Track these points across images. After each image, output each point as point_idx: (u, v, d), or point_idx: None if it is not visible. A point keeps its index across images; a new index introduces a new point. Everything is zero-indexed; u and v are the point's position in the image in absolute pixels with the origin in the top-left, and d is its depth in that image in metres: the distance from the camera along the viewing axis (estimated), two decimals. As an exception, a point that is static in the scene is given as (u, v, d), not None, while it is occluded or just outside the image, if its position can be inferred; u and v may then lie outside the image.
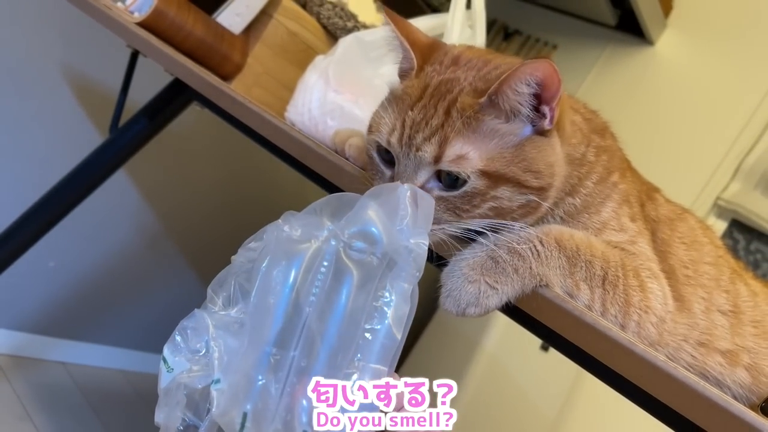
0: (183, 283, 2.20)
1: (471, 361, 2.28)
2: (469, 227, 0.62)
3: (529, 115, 0.61)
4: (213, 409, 0.46)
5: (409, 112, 0.63)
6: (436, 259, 0.63)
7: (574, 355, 0.72)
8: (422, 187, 0.62)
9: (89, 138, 1.70)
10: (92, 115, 1.78)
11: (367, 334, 0.46)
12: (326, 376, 0.45)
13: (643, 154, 0.81)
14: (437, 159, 0.60)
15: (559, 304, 0.58)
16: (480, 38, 1.20)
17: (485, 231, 0.61)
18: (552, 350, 2.19)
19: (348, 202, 0.50)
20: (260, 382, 0.45)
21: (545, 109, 0.61)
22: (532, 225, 0.64)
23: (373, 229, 0.47)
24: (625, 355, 0.54)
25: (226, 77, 1.30)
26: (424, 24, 1.24)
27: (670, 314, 0.66)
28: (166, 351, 0.51)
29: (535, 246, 0.60)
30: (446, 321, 2.47)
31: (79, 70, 1.75)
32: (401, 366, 0.49)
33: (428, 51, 0.69)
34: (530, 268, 0.58)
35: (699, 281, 0.74)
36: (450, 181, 0.61)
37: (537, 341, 2.20)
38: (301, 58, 1.37)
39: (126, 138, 1.28)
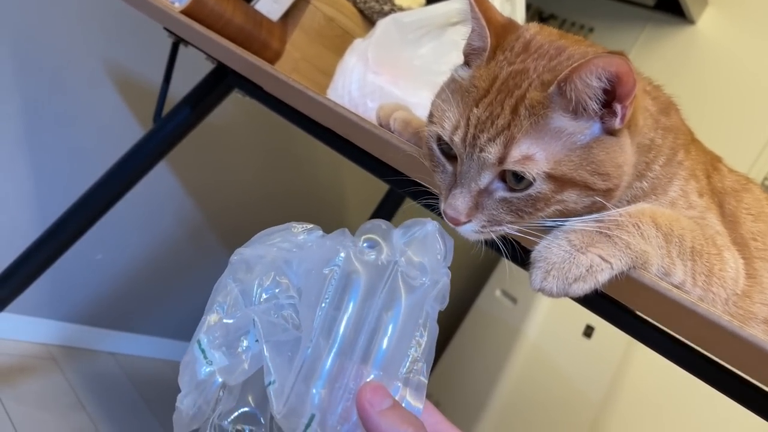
0: (225, 275, 2.23)
1: (513, 348, 2.26)
2: (531, 227, 0.60)
3: (597, 112, 0.58)
4: (273, 409, 0.46)
5: (475, 110, 0.60)
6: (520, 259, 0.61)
7: (625, 324, 0.71)
8: (485, 190, 0.60)
9: (132, 131, 1.73)
10: (134, 109, 1.82)
11: (412, 349, 0.48)
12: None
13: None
14: (501, 160, 0.58)
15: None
16: (520, 14, 1.19)
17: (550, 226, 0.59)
18: (595, 336, 2.16)
19: (381, 228, 0.53)
20: (322, 388, 0.46)
21: (617, 107, 0.58)
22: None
23: (422, 260, 0.51)
24: (687, 316, 0.53)
25: (266, 64, 1.32)
26: None
27: (741, 286, 0.64)
28: (204, 340, 0.50)
29: (637, 224, 0.57)
30: (486, 309, 2.46)
31: (120, 66, 1.79)
32: (441, 354, 0.48)
33: (503, 32, 0.64)
34: (639, 244, 0.56)
35: (767, 255, 0.72)
36: (515, 182, 0.59)
37: (579, 328, 2.17)
38: (338, 43, 1.37)
39: (170, 127, 1.31)
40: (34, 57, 1.64)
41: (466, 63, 0.67)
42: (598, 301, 0.70)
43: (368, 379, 0.46)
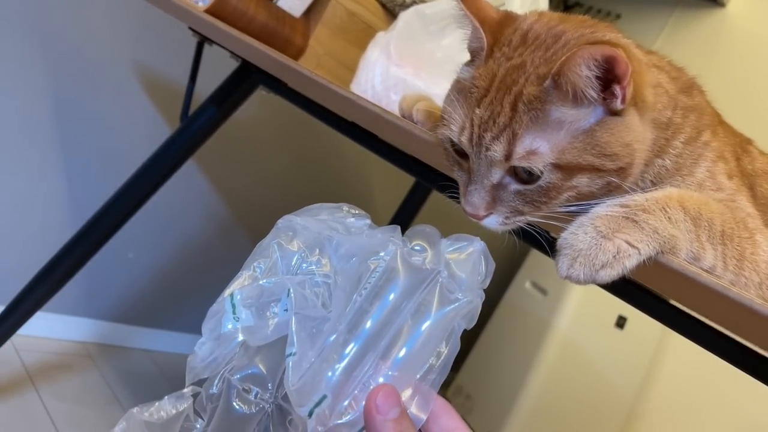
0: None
1: (543, 340, 2.24)
2: (555, 212, 0.60)
3: (596, 97, 0.58)
4: (288, 380, 0.46)
5: (477, 110, 0.61)
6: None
7: (654, 311, 0.70)
8: (498, 185, 0.61)
9: (160, 131, 1.76)
10: (161, 109, 1.85)
11: (431, 359, 0.48)
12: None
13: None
14: (507, 157, 0.59)
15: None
16: (543, 3, 1.18)
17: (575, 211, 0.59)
18: (627, 327, 2.13)
19: (431, 235, 0.53)
20: (340, 374, 0.46)
21: (616, 88, 0.57)
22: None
23: (462, 275, 0.51)
24: (718, 301, 0.52)
25: (289, 61, 1.32)
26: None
27: None
28: (238, 296, 0.50)
29: (664, 208, 0.57)
30: (516, 301, 2.44)
31: (147, 66, 1.82)
32: (471, 347, 0.48)
33: (499, 28, 0.64)
34: (667, 229, 0.55)
35: None
36: (525, 175, 0.60)
37: (612, 318, 2.14)
38: (361, 37, 1.37)
39: (196, 125, 1.32)
40: (64, 59, 1.68)
41: (472, 60, 0.67)
42: (629, 290, 0.69)
43: (382, 379, 0.46)
